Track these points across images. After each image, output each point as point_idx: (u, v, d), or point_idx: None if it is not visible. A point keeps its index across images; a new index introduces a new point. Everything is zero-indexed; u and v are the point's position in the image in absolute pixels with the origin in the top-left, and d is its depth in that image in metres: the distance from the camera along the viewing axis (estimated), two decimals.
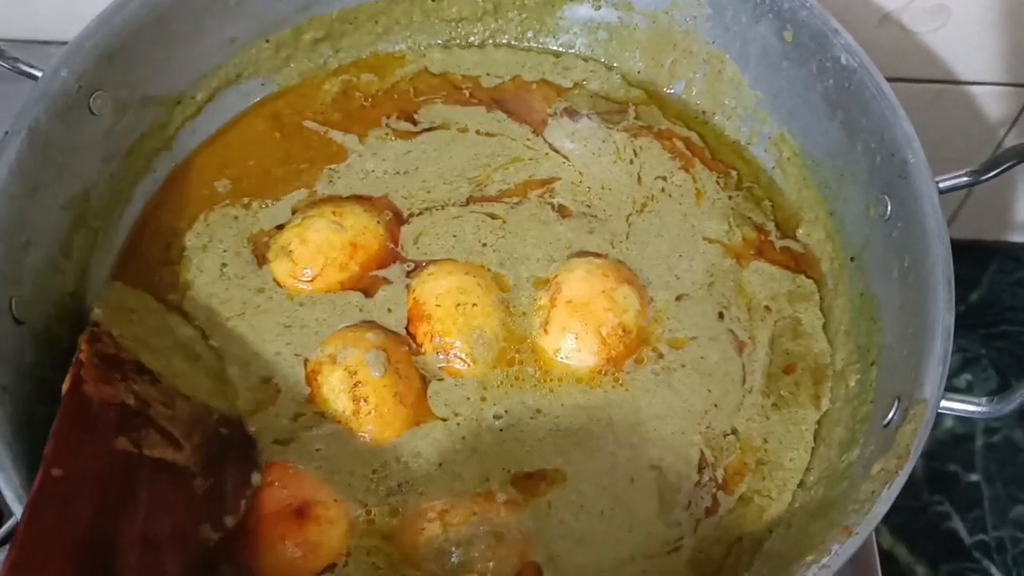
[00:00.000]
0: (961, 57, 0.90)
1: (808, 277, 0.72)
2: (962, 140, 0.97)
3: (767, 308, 0.71)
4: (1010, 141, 0.97)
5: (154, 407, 0.59)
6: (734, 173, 0.77)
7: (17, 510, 0.52)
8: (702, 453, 0.65)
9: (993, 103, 0.94)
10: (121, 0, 0.69)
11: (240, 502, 0.60)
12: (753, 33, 0.74)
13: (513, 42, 0.83)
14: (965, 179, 0.63)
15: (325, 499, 0.61)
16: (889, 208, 0.65)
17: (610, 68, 0.82)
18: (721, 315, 0.70)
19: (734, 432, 0.66)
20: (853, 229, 0.70)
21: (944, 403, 0.56)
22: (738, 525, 0.63)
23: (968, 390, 1.07)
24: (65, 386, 0.56)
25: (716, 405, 0.67)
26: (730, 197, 0.75)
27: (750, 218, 0.74)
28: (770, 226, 0.74)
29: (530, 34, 0.83)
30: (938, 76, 0.92)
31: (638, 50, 0.81)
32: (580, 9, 0.81)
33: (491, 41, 0.83)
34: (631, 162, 0.76)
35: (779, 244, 0.74)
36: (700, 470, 0.65)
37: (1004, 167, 0.63)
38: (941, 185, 0.63)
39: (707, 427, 0.66)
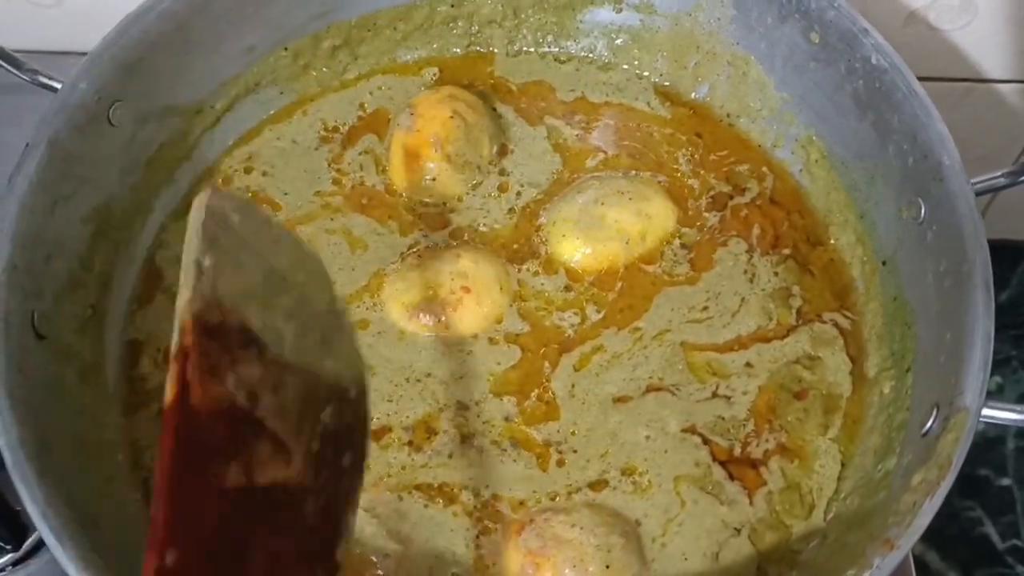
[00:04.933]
0: (989, 54, 0.89)
1: (823, 323, 0.70)
2: (991, 138, 0.95)
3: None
4: None
5: (262, 399, 0.44)
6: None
7: (41, 526, 0.51)
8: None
9: (1022, 101, 0.92)
10: (139, 10, 0.68)
11: (349, 520, 0.47)
12: (779, 34, 0.73)
13: (529, 48, 0.82)
14: (1002, 180, 0.62)
15: None
16: (923, 211, 0.63)
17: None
18: None
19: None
20: (885, 232, 0.69)
21: (985, 411, 0.55)
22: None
23: (999, 392, 1.05)
24: (169, 396, 0.41)
25: None
26: (776, 273, 0.71)
27: (789, 295, 0.71)
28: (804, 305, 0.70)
29: (550, 38, 0.82)
30: (965, 75, 0.91)
31: (660, 53, 0.80)
32: (601, 12, 0.80)
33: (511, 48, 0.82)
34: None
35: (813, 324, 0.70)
36: None
37: None
38: (977, 187, 0.61)
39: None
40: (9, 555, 0.69)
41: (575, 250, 0.71)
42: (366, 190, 0.75)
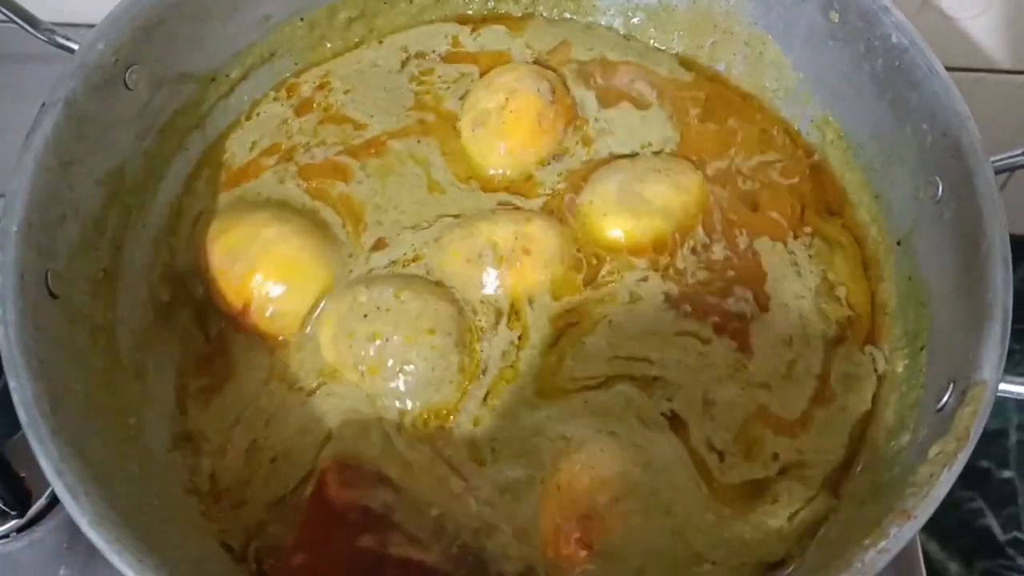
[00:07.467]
0: (1001, 44, 0.89)
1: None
2: (1001, 129, 0.95)
3: None
4: None
5: (398, 512, 0.60)
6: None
7: (55, 482, 0.51)
8: None
9: None
10: None
11: None
12: (798, 13, 0.73)
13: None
14: (1021, 158, 0.62)
15: None
16: (940, 189, 0.63)
17: None
18: None
19: None
20: (900, 212, 0.69)
21: (1003, 386, 0.55)
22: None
23: None
24: (308, 492, 0.60)
25: None
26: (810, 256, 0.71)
27: (831, 286, 0.70)
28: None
29: (567, 15, 0.82)
30: (977, 64, 0.90)
31: (676, 32, 0.80)
32: None
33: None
34: None
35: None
36: None
37: None
38: (995, 164, 0.61)
39: None
40: (13, 521, 0.69)
41: (615, 226, 0.70)
42: None
